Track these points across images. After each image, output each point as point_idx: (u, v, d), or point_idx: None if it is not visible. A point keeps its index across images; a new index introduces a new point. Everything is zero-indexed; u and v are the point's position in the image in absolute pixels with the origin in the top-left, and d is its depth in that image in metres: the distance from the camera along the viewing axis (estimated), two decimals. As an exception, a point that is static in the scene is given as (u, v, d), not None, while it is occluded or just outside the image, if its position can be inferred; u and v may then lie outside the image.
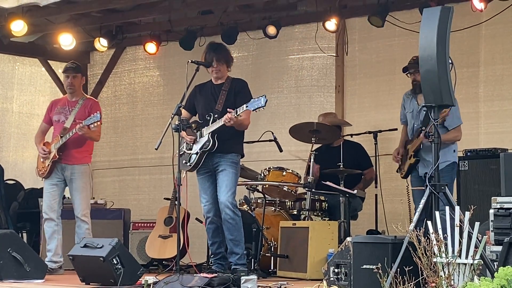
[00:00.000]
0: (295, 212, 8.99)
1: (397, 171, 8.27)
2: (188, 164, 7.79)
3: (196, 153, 7.72)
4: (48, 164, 8.72)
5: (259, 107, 7.39)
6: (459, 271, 5.35)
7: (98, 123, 8.49)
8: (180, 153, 7.75)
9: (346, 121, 10.10)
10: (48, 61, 12.15)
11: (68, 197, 9.17)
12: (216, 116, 7.70)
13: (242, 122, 7.65)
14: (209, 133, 7.67)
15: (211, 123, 7.70)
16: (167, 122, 7.49)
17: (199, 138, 7.75)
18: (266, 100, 7.39)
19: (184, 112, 7.97)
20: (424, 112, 7.62)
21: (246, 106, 7.44)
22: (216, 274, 7.00)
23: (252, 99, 7.47)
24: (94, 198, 10.13)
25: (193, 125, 7.87)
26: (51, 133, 9.04)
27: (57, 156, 8.66)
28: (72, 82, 8.91)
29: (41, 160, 8.82)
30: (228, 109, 7.54)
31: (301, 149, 10.04)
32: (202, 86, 8.04)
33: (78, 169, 8.73)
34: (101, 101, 11.00)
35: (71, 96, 8.97)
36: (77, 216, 8.70)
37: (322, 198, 8.99)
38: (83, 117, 8.59)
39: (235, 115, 7.48)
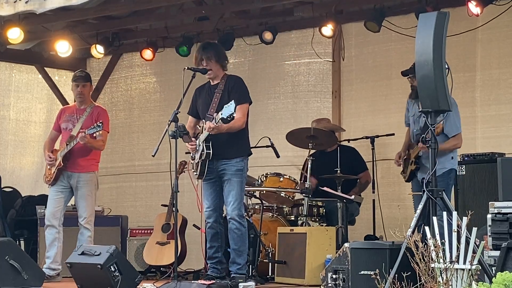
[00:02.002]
0: (293, 218, 8.98)
1: (401, 173, 8.21)
2: (195, 173, 7.76)
3: (198, 162, 7.69)
4: (54, 172, 8.72)
5: (230, 114, 7.20)
6: (457, 277, 5.35)
7: (101, 132, 8.48)
8: (189, 161, 7.76)
9: (340, 126, 10.11)
10: (45, 68, 12.14)
11: (72, 205, 9.16)
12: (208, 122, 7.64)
13: (231, 126, 7.50)
14: (203, 141, 7.62)
15: (204, 130, 7.66)
16: (164, 129, 7.47)
17: (198, 146, 7.71)
18: (235, 106, 7.24)
19: (190, 118, 7.94)
20: (424, 118, 7.62)
21: (221, 114, 7.27)
22: (214, 281, 6.99)
23: (224, 106, 7.30)
24: (99, 206, 10.12)
25: (198, 128, 7.83)
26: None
27: (62, 164, 8.66)
28: (82, 91, 8.90)
29: (48, 167, 8.83)
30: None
31: (298, 154, 10.04)
32: (201, 88, 7.98)
33: (84, 177, 8.74)
34: (98, 108, 10.99)
35: (80, 104, 8.97)
36: (81, 223, 8.71)
37: (320, 203, 8.99)
38: (90, 125, 8.57)
39: (215, 124, 7.38)
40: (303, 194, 8.75)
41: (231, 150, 7.66)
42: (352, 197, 8.60)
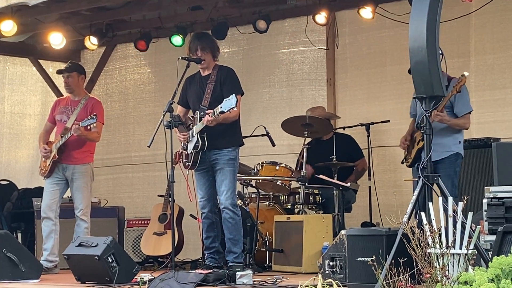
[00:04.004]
0: (289, 206, 9.00)
1: (402, 162, 8.16)
2: (187, 163, 7.76)
3: (191, 153, 7.69)
4: (49, 164, 8.71)
5: (231, 108, 7.24)
6: (453, 262, 5.36)
7: (95, 124, 8.46)
8: (180, 151, 7.76)
9: (335, 113, 10.11)
10: (39, 60, 12.12)
11: (68, 197, 9.16)
12: (202, 114, 7.59)
13: (227, 117, 7.48)
14: (198, 133, 7.60)
15: (199, 122, 7.61)
16: (159, 119, 7.47)
17: (191, 137, 7.70)
18: (237, 100, 7.26)
19: (179, 108, 7.93)
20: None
21: (221, 107, 7.28)
22: (211, 270, 6.99)
23: (224, 99, 7.31)
24: (95, 197, 10.12)
25: (190, 118, 7.83)
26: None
27: (57, 156, 8.65)
28: (67, 81, 8.87)
29: (43, 159, 8.82)
30: (206, 111, 7.49)
31: (294, 143, 10.05)
32: (191, 78, 7.97)
33: (79, 169, 8.72)
34: (92, 100, 10.98)
35: (73, 96, 8.93)
36: (77, 215, 8.69)
37: (316, 191, 9.00)
38: (84, 117, 8.53)
39: (215, 116, 7.39)
40: (299, 182, 8.76)
41: (223, 140, 7.66)
42: (348, 184, 8.61)
